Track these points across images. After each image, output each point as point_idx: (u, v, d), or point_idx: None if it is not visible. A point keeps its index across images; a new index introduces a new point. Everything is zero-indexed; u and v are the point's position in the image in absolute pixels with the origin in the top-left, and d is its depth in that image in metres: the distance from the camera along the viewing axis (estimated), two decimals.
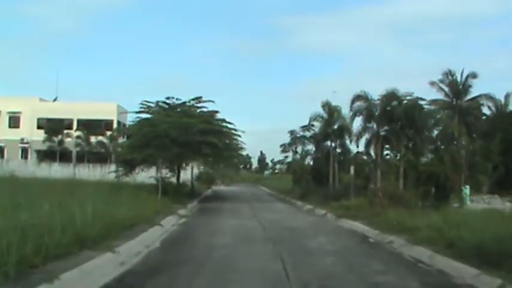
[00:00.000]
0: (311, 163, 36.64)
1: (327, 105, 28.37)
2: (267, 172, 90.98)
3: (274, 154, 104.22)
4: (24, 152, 54.34)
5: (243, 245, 11.22)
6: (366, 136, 24.14)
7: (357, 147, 23.96)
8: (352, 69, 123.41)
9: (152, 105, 27.64)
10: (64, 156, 51.72)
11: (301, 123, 39.62)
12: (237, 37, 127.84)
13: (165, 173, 26.10)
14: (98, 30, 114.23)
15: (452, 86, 32.97)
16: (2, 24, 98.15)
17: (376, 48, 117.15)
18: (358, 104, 23.58)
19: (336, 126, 28.40)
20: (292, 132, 39.64)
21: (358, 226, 15.27)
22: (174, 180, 28.77)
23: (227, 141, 28.43)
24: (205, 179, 47.90)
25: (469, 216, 13.65)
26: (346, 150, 29.54)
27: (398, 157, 24.60)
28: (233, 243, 11.46)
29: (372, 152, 25.25)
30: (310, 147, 39.45)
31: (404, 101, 23.36)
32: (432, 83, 32.65)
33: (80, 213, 9.87)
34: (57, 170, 45.79)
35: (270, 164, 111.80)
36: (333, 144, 28.92)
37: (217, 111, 27.87)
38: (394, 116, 22.76)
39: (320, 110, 28.87)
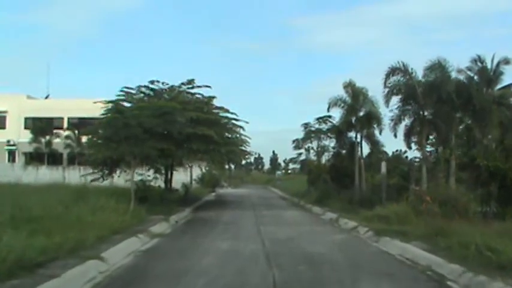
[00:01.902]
0: (329, 161, 31.12)
1: (350, 87, 22.74)
2: (279, 172, 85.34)
3: (286, 155, 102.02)
4: (12, 155, 49.55)
5: None
6: (405, 122, 18.49)
7: (395, 136, 18.48)
8: (365, 68, 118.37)
9: (134, 91, 22.36)
10: (53, 158, 46.87)
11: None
12: (248, 37, 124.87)
13: (147, 175, 20.72)
14: (95, 27, 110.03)
15: (482, 73, 26.88)
16: None
17: (390, 46, 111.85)
18: (395, 79, 17.96)
19: (361, 113, 22.77)
20: (306, 125, 34.08)
21: (416, 253, 9.72)
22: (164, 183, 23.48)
23: (227, 134, 22.99)
24: (209, 181, 42.37)
25: None
26: (374, 142, 23.87)
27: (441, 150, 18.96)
28: None
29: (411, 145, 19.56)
30: (327, 142, 33.94)
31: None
32: (459, 71, 26.70)
33: None
34: (45, 174, 41.33)
35: (283, 164, 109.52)
36: (359, 136, 23.27)
37: (213, 97, 22.44)
38: (443, 94, 17.10)
39: (342, 93, 23.29)
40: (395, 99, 18.70)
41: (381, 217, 15.38)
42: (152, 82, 22.10)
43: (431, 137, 18.97)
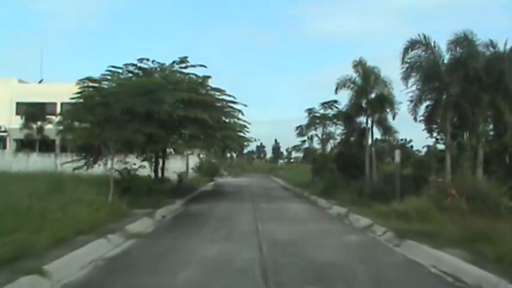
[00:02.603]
0: (335, 148, 28.90)
1: (360, 66, 20.36)
2: (281, 161, 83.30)
3: (289, 144, 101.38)
4: (3, 141, 47.47)
5: None
6: (426, 104, 16.13)
7: (415, 119, 16.10)
8: (371, 57, 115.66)
9: (121, 70, 20.08)
10: (45, 145, 44.71)
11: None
12: (249, 25, 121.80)
13: (132, 163, 18.55)
14: (92, 12, 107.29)
15: None
16: None
17: (392, 35, 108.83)
18: (415, 53, 15.58)
19: (373, 95, 20.44)
20: (310, 111, 31.73)
21: (456, 265, 7.51)
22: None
23: (223, 118, 20.78)
24: (207, 170, 40.15)
25: None
26: (387, 128, 21.56)
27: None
28: None
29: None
30: (333, 129, 31.63)
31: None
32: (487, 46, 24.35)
33: None
34: (36, 161, 39.48)
35: (285, 153, 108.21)
36: (370, 121, 20.93)
37: (208, 77, 20.13)
38: (470, 71, 14.78)
39: (351, 73, 20.92)
40: (412, 83, 16.32)
41: (398, 213, 13.21)
42: (141, 60, 19.80)
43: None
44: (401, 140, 38.81)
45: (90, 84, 16.76)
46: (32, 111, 44.11)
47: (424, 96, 15.67)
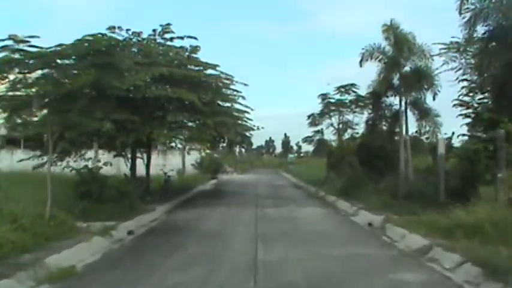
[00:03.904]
0: (354, 139, 24.54)
1: (391, 30, 15.85)
2: (291, 156, 78.88)
3: (298, 138, 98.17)
4: None
5: None
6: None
7: (480, 90, 11.52)
8: None
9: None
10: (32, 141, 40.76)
11: None
12: (258, 19, 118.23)
13: (98, 160, 14.41)
14: None
15: None
16: None
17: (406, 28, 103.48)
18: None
19: (407, 69, 15.96)
20: (324, 96, 27.36)
21: None
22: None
23: (219, 102, 16.55)
24: (208, 167, 35.79)
25: None
26: (424, 111, 17.02)
27: None
28: None
29: None
30: (351, 117, 27.24)
31: None
32: None
33: None
34: (20, 158, 35.67)
35: (295, 147, 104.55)
36: (403, 102, 16.30)
37: (197, 47, 15.80)
38: None
39: (379, 41, 16.44)
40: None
41: (465, 227, 8.92)
42: (112, 28, 15.47)
43: None
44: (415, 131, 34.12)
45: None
46: (15, 103, 40.19)
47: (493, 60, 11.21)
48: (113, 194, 13.26)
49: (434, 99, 16.40)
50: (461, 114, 13.67)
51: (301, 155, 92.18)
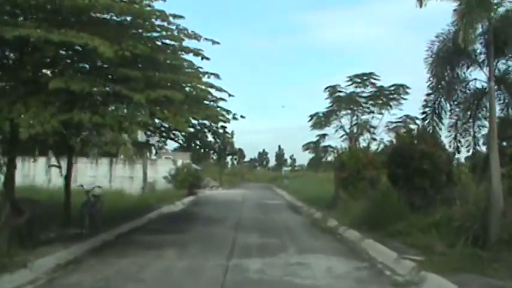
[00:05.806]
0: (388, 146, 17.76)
1: None
2: (285, 169, 72.23)
3: (293, 151, 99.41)
4: None
5: None
6: None
7: None
8: (372, 65, 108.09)
9: None
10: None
11: None
12: (252, 32, 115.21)
13: None
14: None
15: None
16: None
17: (397, 43, 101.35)
18: None
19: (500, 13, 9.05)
20: (332, 89, 20.60)
21: None
22: None
23: (181, 83, 9.49)
24: (184, 180, 28.45)
25: None
26: None
27: None
28: None
29: None
30: (368, 117, 20.54)
31: None
32: None
33: None
34: None
35: (289, 161, 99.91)
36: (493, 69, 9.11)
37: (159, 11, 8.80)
38: None
39: None
40: None
41: None
42: None
43: None
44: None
45: None
46: None
47: None
48: None
49: None
50: None
51: (296, 168, 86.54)
